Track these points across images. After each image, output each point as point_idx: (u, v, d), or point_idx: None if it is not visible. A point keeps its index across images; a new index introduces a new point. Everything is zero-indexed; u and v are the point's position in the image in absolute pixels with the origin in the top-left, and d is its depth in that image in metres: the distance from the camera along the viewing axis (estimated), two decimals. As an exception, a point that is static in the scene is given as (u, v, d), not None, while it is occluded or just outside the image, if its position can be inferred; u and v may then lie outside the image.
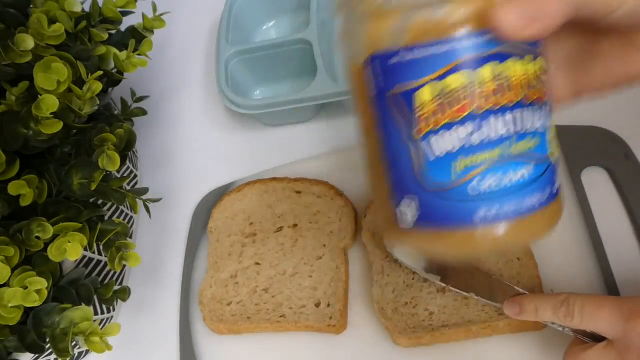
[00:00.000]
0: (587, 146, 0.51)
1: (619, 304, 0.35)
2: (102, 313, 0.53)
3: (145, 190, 0.51)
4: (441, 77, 0.26)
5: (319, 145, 0.59)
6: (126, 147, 0.47)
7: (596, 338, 0.37)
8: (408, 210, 0.29)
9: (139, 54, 0.52)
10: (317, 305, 0.49)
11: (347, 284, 0.50)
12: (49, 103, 0.41)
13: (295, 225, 0.53)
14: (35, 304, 0.39)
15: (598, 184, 0.49)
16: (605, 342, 0.36)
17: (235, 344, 0.51)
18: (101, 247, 0.47)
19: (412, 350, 0.46)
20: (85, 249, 0.48)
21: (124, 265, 0.47)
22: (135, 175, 0.63)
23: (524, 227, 0.28)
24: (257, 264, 0.52)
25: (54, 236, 0.41)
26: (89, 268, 0.51)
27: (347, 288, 0.50)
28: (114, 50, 0.50)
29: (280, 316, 0.49)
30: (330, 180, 0.55)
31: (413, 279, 0.47)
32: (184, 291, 0.55)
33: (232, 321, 0.49)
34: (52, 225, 0.41)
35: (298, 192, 0.55)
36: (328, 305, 0.48)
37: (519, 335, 0.44)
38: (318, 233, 0.52)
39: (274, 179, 0.56)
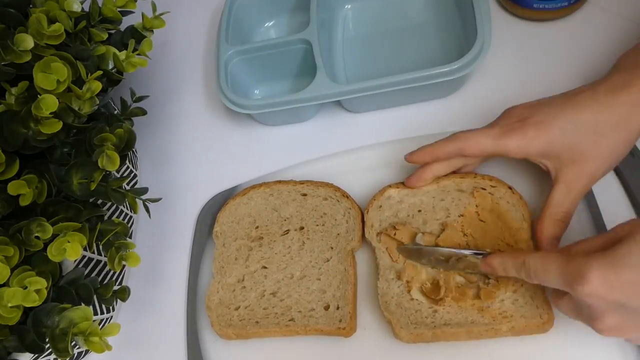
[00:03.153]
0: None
1: (562, 267, 0.36)
2: (102, 313, 0.52)
3: (145, 190, 0.51)
4: None
5: (320, 146, 0.59)
6: (126, 147, 0.47)
7: None
8: None
9: (138, 54, 0.52)
10: (327, 308, 0.48)
11: (356, 286, 0.50)
12: (49, 103, 0.41)
13: (302, 228, 0.53)
14: (35, 304, 0.39)
15: (604, 181, 0.49)
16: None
17: (244, 349, 0.50)
18: (101, 247, 0.47)
19: (422, 351, 0.46)
20: (85, 249, 0.48)
21: (124, 266, 0.47)
22: (135, 176, 0.63)
23: None
24: (265, 268, 0.52)
25: (54, 236, 0.41)
26: (89, 268, 0.51)
27: (356, 290, 0.49)
28: (114, 50, 0.50)
29: (290, 320, 0.48)
30: (336, 182, 0.55)
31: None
32: (190, 296, 0.55)
33: (241, 326, 0.49)
34: (52, 225, 0.41)
35: (304, 194, 0.54)
36: (337, 308, 0.48)
37: (523, 338, 0.44)
38: (325, 236, 0.52)
39: (279, 182, 0.56)
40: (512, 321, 0.43)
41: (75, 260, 0.48)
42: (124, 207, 0.58)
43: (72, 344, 0.41)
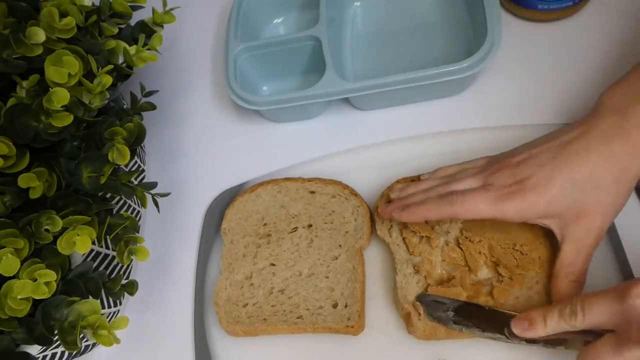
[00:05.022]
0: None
1: (613, 291, 0.36)
2: (110, 307, 0.53)
3: (154, 185, 0.51)
4: None
5: (328, 143, 0.59)
6: (136, 141, 0.47)
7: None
8: None
9: (148, 49, 0.52)
10: (335, 306, 0.49)
11: (364, 285, 0.50)
12: (60, 96, 0.41)
13: (310, 225, 0.53)
14: (44, 297, 0.39)
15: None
16: (609, 333, 0.37)
17: (252, 346, 0.51)
18: (110, 241, 0.47)
19: (430, 349, 0.46)
20: (93, 243, 0.48)
21: (132, 260, 0.47)
22: (143, 171, 0.63)
23: None
24: (273, 265, 0.52)
25: (64, 229, 0.42)
26: (97, 262, 0.51)
27: (364, 289, 0.49)
28: (124, 44, 0.51)
29: (298, 317, 0.48)
30: (344, 180, 0.55)
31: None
32: (198, 293, 0.55)
33: (249, 323, 0.49)
34: (62, 218, 0.42)
35: (312, 192, 0.54)
36: (346, 306, 0.48)
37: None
38: (333, 233, 0.52)
39: (287, 179, 0.56)
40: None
41: (84, 254, 0.49)
42: (132, 201, 0.58)
43: (80, 336, 0.41)
